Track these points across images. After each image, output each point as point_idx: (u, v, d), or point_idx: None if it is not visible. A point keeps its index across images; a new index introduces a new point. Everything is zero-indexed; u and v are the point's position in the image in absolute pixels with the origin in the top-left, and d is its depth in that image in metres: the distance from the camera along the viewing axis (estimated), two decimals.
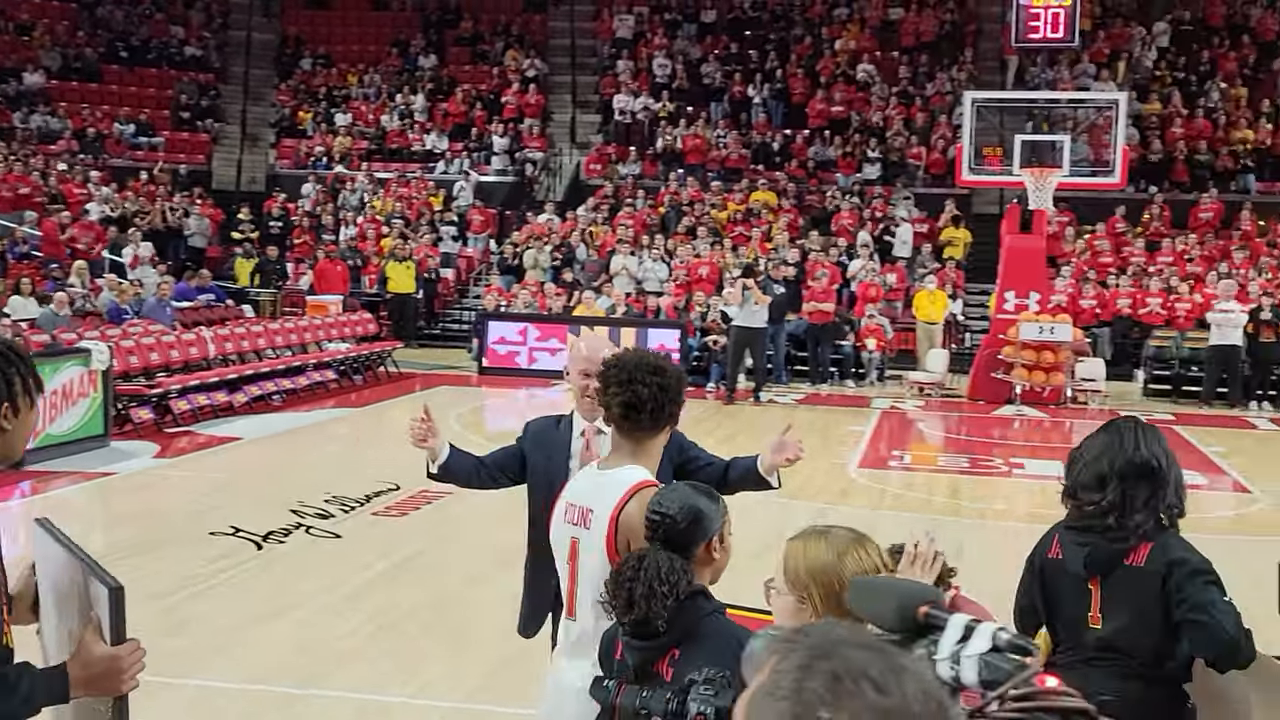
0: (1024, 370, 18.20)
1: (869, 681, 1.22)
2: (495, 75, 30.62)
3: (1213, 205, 24.40)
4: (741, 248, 23.29)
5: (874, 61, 28.78)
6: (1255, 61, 27.47)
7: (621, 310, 20.89)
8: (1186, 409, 18.41)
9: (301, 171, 28.70)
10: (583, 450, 4.40)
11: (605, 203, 26.18)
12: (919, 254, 23.70)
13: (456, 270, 25.58)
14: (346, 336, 18.73)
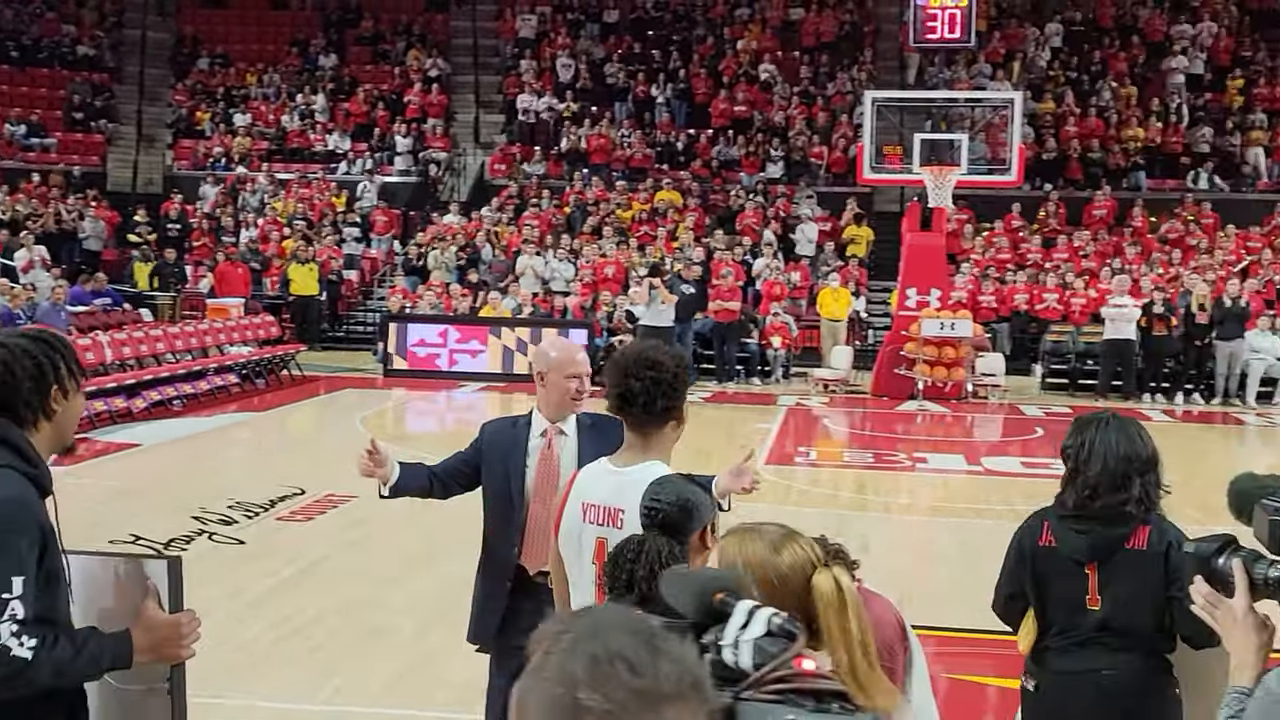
0: (926, 366, 18.49)
1: (624, 663, 1.29)
2: (397, 75, 30.37)
3: (1106, 202, 24.99)
4: (648, 247, 23.36)
5: (775, 61, 29.03)
6: (1144, 61, 28.19)
7: (528, 310, 20.85)
8: (1082, 402, 18.81)
9: (200, 173, 28.21)
10: (543, 449, 4.40)
11: (510, 203, 26.11)
12: (822, 252, 23.97)
13: (360, 272, 25.35)
14: (248, 340, 18.45)
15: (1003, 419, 17.52)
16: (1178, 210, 24.64)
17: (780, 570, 2.40)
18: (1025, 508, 11.68)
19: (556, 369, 4.38)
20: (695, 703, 1.32)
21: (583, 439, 4.38)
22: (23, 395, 2.82)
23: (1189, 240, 23.53)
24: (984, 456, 14.15)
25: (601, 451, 4.03)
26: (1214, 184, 25.64)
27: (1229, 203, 24.90)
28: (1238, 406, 18.64)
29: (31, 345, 2.87)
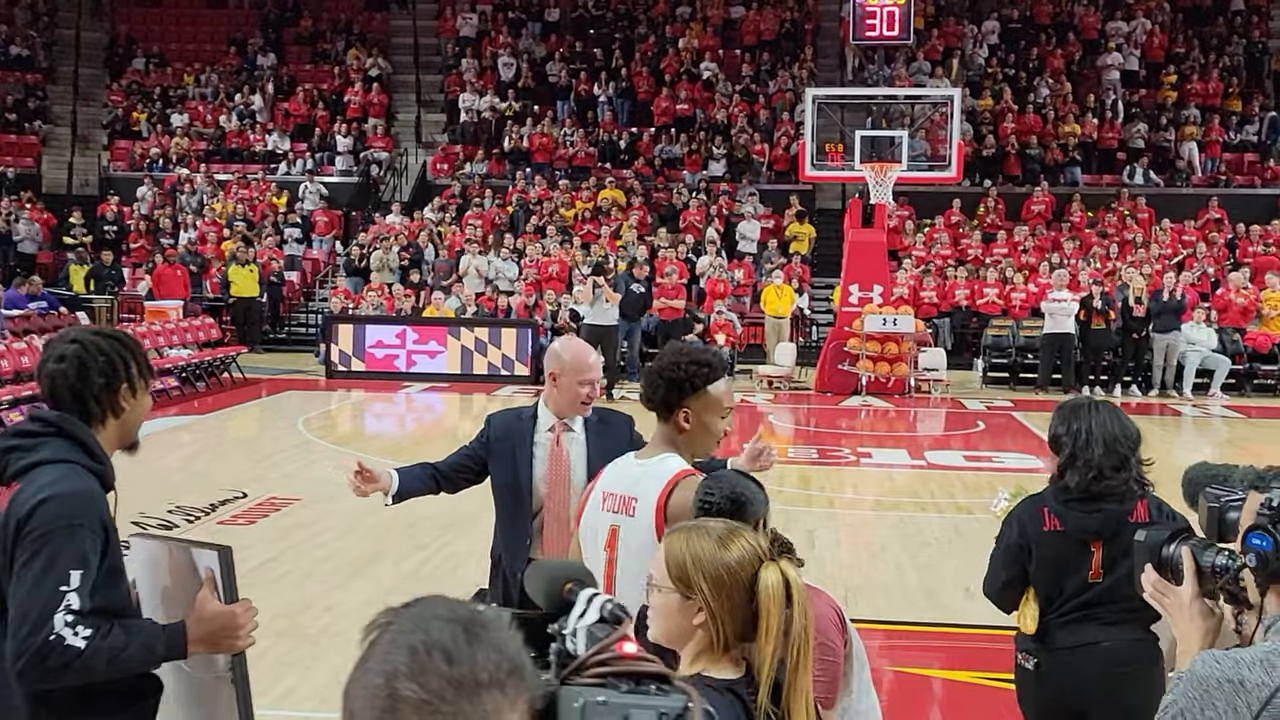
0: (869, 362, 18.62)
1: (441, 652, 1.33)
2: (337, 75, 30.13)
3: (1044, 198, 25.29)
4: (591, 246, 23.34)
5: (717, 60, 29.10)
6: (1080, 58, 28.55)
7: (471, 310, 20.78)
8: (1023, 395, 19.05)
9: (137, 174, 27.84)
10: (551, 444, 4.52)
11: (453, 202, 26.00)
12: (765, 250, 24.07)
13: (302, 273, 25.14)
14: (187, 342, 18.22)
15: (945, 413, 17.69)
16: (1114, 205, 25.00)
17: (729, 565, 2.39)
18: (967, 500, 11.85)
19: (571, 373, 4.48)
20: (514, 690, 1.35)
21: (590, 435, 4.53)
22: (93, 391, 2.90)
23: (1126, 235, 23.86)
24: (927, 450, 14.26)
25: (608, 447, 4.26)
26: (1149, 179, 26.02)
27: (1164, 197, 25.28)
28: (1174, 398, 18.93)
29: (105, 342, 2.96)
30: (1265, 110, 27.18)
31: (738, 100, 28.15)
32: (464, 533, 9.46)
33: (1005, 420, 16.75)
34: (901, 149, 19.32)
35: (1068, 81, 27.80)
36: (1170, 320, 18.85)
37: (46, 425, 2.89)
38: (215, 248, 24.19)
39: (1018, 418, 16.76)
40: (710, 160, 27.10)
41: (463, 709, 1.32)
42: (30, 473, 2.81)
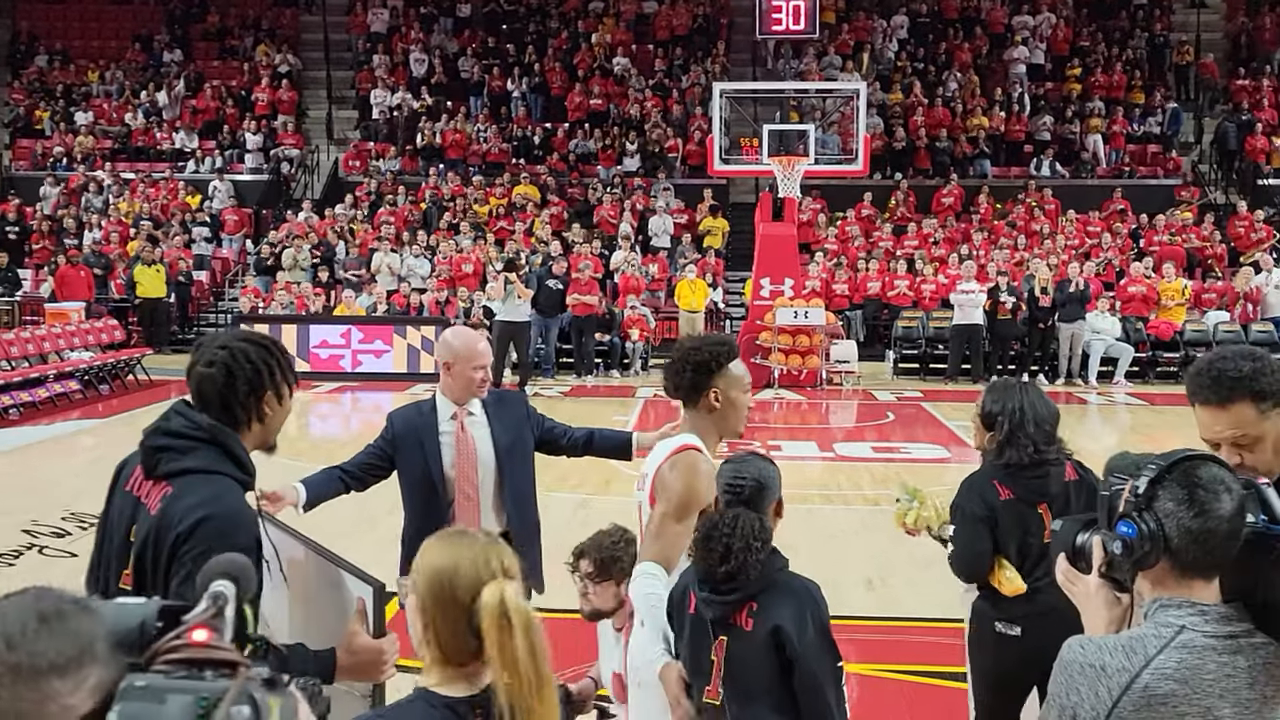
0: (781, 354, 18.72)
1: (3, 639, 1.40)
2: (246, 71, 29.70)
3: (954, 190, 25.58)
4: (505, 242, 23.22)
5: (629, 55, 29.10)
6: (988, 52, 28.93)
7: (383, 308, 20.59)
8: (933, 385, 19.26)
9: (40, 173, 27.24)
10: (456, 430, 4.67)
11: (365, 199, 25.74)
12: (679, 244, 24.10)
13: (211, 272, 24.75)
14: (89, 345, 17.85)
15: (856, 405, 17.82)
16: (1021, 197, 25.35)
17: (451, 579, 2.29)
18: (874, 492, 11.91)
19: (464, 360, 4.65)
20: (79, 674, 1.41)
21: (490, 415, 4.73)
22: (239, 397, 2.94)
23: (1033, 226, 24.21)
24: (836, 443, 14.37)
25: (508, 423, 4.69)
26: (1055, 171, 26.43)
27: (1070, 188, 25.71)
28: (1079, 386, 19.24)
29: (251, 348, 2.99)
30: (1167, 102, 27.72)
31: (651, 95, 28.16)
32: (361, 539, 9.35)
33: (915, 411, 16.91)
34: (809, 143, 19.41)
35: (975, 75, 28.16)
36: (1075, 310, 19.15)
37: (198, 429, 2.91)
38: (121, 248, 23.71)
39: (927, 408, 16.93)
40: (624, 156, 27.09)
41: (19, 693, 1.38)
42: (183, 478, 2.84)
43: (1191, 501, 2.28)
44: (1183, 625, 2.28)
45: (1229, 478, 2.32)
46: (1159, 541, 2.30)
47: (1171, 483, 2.31)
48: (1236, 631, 2.29)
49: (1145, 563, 2.33)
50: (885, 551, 9.27)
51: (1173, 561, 2.31)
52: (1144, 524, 2.31)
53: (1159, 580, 2.35)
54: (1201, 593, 2.32)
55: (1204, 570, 2.32)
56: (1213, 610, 2.30)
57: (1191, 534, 2.28)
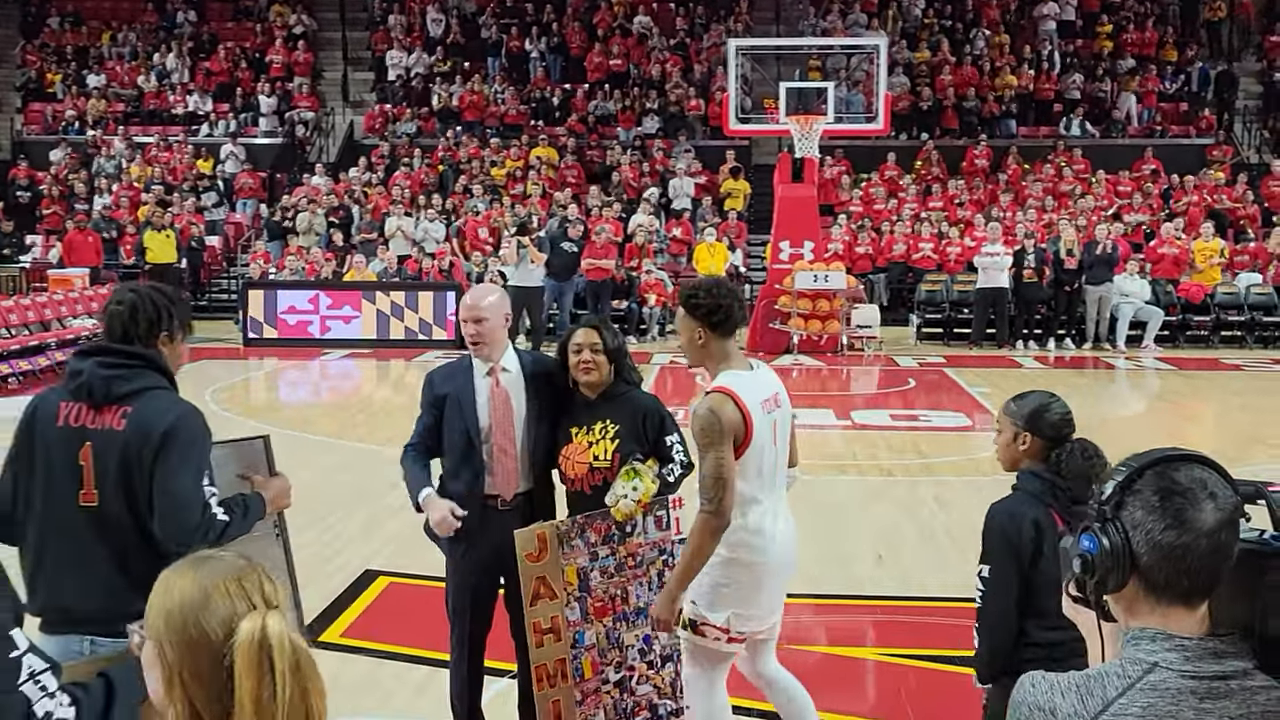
0: (800, 320, 18.26)
1: None
2: (260, 32, 29.28)
3: (984, 151, 24.99)
4: (517, 206, 22.78)
5: (650, 14, 28.53)
6: (1016, 9, 28.22)
7: (394, 273, 20.26)
8: (957, 351, 18.78)
9: (51, 137, 26.95)
10: (492, 387, 4.66)
11: (381, 163, 25.34)
12: (700, 206, 23.63)
13: (224, 237, 24.43)
14: (94, 312, 17.53)
15: (877, 371, 17.37)
16: (1050, 157, 24.73)
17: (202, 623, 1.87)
18: (890, 462, 11.47)
19: (461, 314, 4.74)
20: None
21: (526, 372, 4.72)
22: (139, 332, 3.58)
23: (1061, 187, 23.60)
24: (854, 410, 13.93)
25: (540, 383, 4.68)
26: (1085, 130, 25.77)
27: (1100, 148, 25.06)
28: (1107, 350, 18.73)
29: (154, 294, 3.67)
30: (1199, 60, 26.98)
31: (671, 55, 27.61)
32: (356, 509, 9.03)
33: (937, 377, 16.46)
34: (828, 102, 18.89)
35: (1004, 33, 27.47)
36: (1103, 272, 18.61)
37: (135, 358, 3.56)
38: (131, 213, 23.40)
39: (950, 374, 16.48)
40: (644, 117, 26.57)
41: None
42: (142, 395, 3.50)
43: (1164, 510, 1.85)
44: (1154, 662, 1.84)
45: (1215, 481, 1.87)
46: (1122, 559, 1.86)
47: (1143, 487, 1.88)
48: (1227, 671, 1.84)
49: (1109, 584, 1.89)
50: (896, 525, 8.88)
51: (1144, 583, 1.87)
52: (1106, 537, 1.88)
53: (1130, 606, 1.91)
54: (1181, 622, 1.87)
55: (1184, 594, 1.86)
56: (1195, 644, 1.85)
57: (1163, 550, 1.84)
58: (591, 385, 4.63)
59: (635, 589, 4.57)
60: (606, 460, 4.55)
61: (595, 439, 4.58)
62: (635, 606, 4.55)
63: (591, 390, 4.65)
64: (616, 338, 4.68)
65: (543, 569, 4.45)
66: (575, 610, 4.51)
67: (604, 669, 4.56)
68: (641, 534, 4.54)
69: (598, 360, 4.58)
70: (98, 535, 3.44)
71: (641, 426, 4.60)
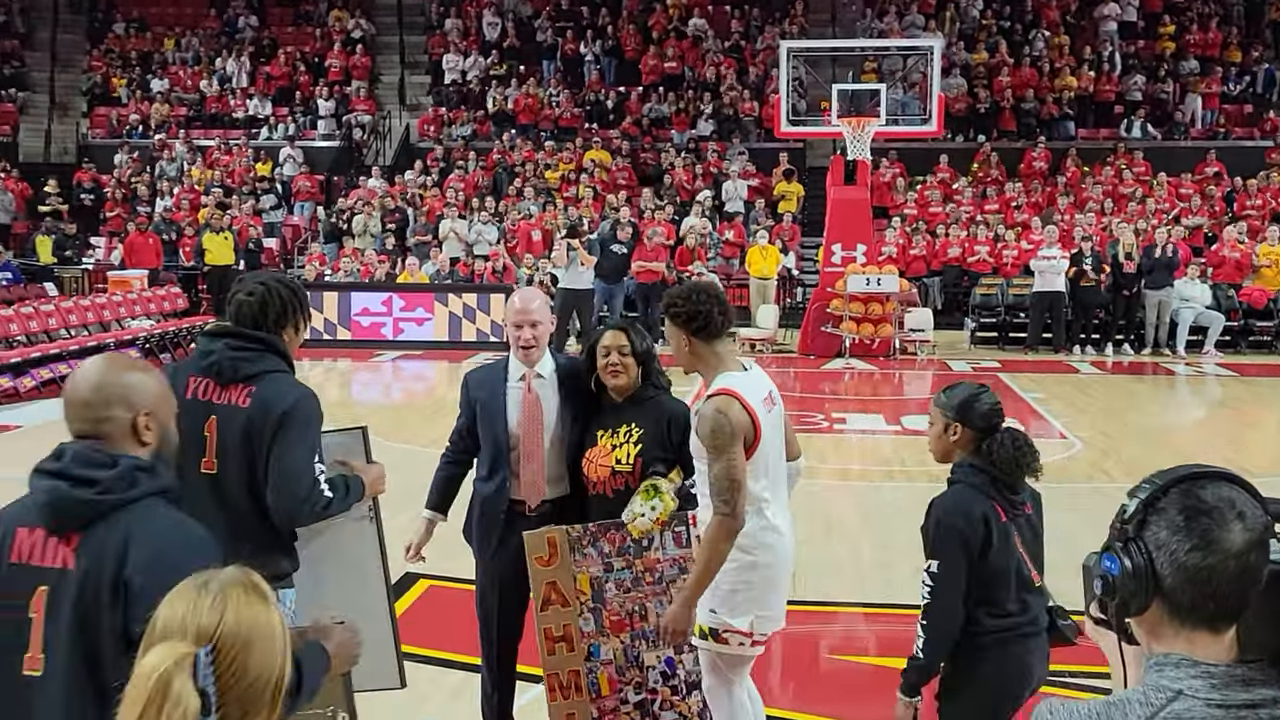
0: (852, 323, 18.15)
1: None
2: (319, 37, 29.57)
3: (1043, 153, 24.72)
4: (571, 208, 22.83)
5: (705, 16, 28.50)
6: (1077, 9, 27.88)
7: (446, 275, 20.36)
8: (1012, 355, 18.58)
9: (115, 141, 27.37)
10: (525, 393, 4.64)
11: (436, 165, 25.50)
12: (753, 209, 23.56)
13: (281, 239, 24.68)
14: (151, 313, 17.78)
15: (930, 375, 17.21)
16: (1110, 160, 24.41)
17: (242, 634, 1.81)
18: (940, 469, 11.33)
19: (510, 318, 4.70)
20: None
21: (561, 379, 4.69)
22: (268, 323, 3.87)
23: (1121, 189, 23.28)
24: (904, 416, 13.81)
25: (573, 390, 4.65)
26: (1146, 132, 25.41)
27: (1161, 151, 24.68)
28: (1167, 356, 18.45)
29: (282, 287, 3.94)
30: (1264, 61, 26.53)
31: (726, 58, 27.55)
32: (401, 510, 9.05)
33: (991, 382, 16.15)
34: (881, 103, 18.76)
35: (1064, 34, 27.15)
36: (1162, 276, 18.34)
37: (258, 342, 3.84)
38: (191, 215, 23.70)
39: (1004, 379, 16.28)
40: (699, 119, 26.55)
41: None
42: (265, 377, 3.77)
43: (1189, 530, 1.78)
44: (1179, 690, 1.77)
45: (1243, 500, 1.80)
46: (1145, 581, 1.80)
47: (1168, 506, 1.81)
48: (1255, 700, 1.76)
49: (1131, 607, 1.83)
50: None
51: (1168, 606, 1.80)
52: (1128, 558, 1.82)
53: (1153, 630, 1.84)
54: (1207, 647, 1.80)
55: (1209, 619, 1.80)
56: (1222, 671, 1.77)
57: (1187, 571, 1.77)
58: (619, 388, 4.61)
59: (655, 606, 4.48)
60: (628, 465, 4.53)
61: (619, 442, 4.55)
62: (655, 626, 4.45)
63: (619, 393, 4.63)
64: (645, 340, 4.65)
65: (553, 574, 4.42)
66: (590, 621, 4.46)
67: (623, 688, 4.49)
68: (660, 550, 4.46)
69: (625, 363, 4.55)
70: (215, 501, 3.73)
71: (666, 432, 4.56)
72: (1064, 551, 8.66)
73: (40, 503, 2.58)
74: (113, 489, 2.56)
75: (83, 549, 2.53)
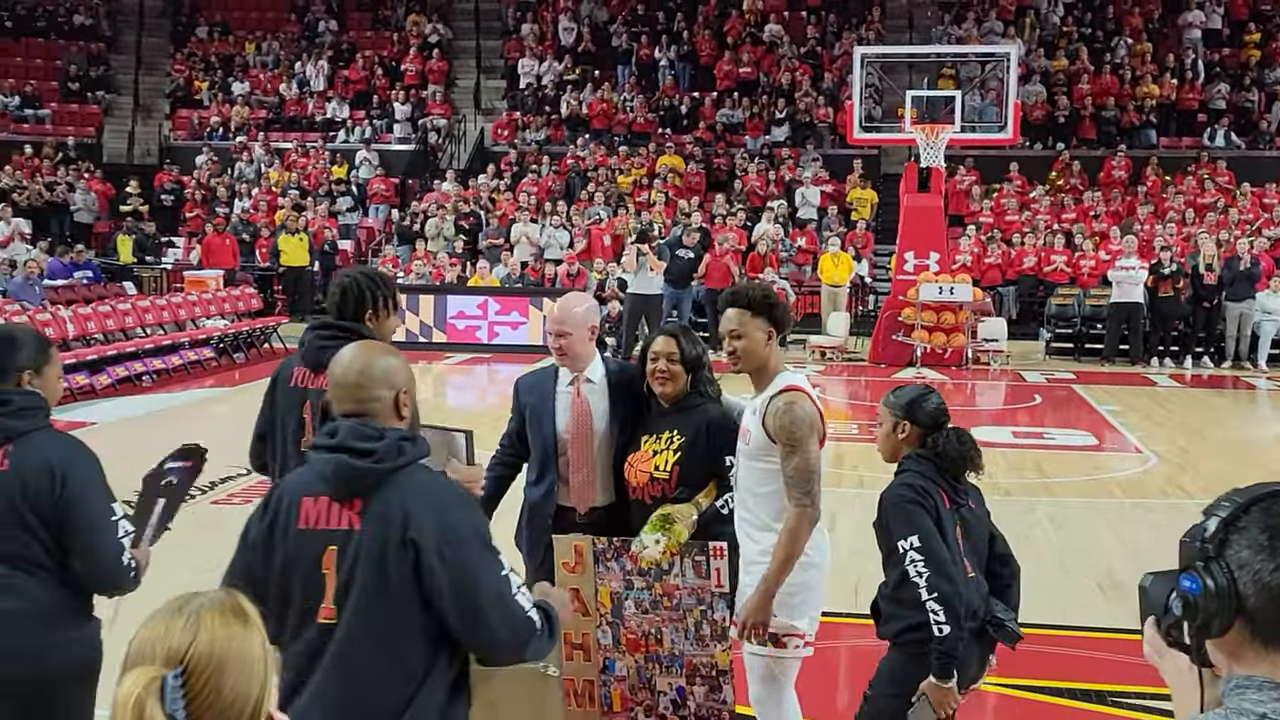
0: (924, 332, 17.95)
1: None
2: (397, 41, 29.85)
3: (1123, 162, 24.32)
4: (644, 213, 22.83)
5: (781, 22, 28.39)
6: (1160, 16, 27.41)
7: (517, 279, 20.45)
8: (1088, 367, 18.27)
9: (196, 143, 27.83)
10: (574, 398, 4.62)
11: (510, 169, 25.62)
12: (825, 216, 23.41)
13: (356, 241, 24.93)
14: (225, 313, 18.02)
15: (1003, 386, 16.97)
16: (1192, 169, 23.95)
17: (223, 659, 1.77)
18: (1008, 481, 11.16)
19: (548, 325, 4.90)
20: None
21: (611, 385, 4.66)
22: (350, 311, 4.22)
23: (1203, 200, 22.83)
24: (976, 426, 13.57)
25: (626, 396, 4.61)
26: (1230, 141, 24.89)
27: (1245, 160, 24.18)
28: (1248, 370, 18.04)
29: (361, 278, 4.30)
30: None
31: (801, 63, 27.41)
32: None
33: (1065, 394, 16.02)
34: (956, 110, 18.55)
35: (1147, 41, 26.69)
36: (1244, 288, 17.94)
37: (345, 330, 4.13)
38: (268, 216, 24.03)
39: (1079, 391, 16.03)
40: (773, 125, 26.43)
41: None
42: None
43: (1273, 550, 1.71)
44: (1263, 714, 1.69)
45: None
46: (1229, 600, 1.73)
47: (1249, 525, 1.74)
48: None
49: (1212, 628, 1.76)
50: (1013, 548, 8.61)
51: (1250, 627, 1.73)
52: (1210, 578, 1.75)
53: (1235, 652, 1.76)
54: None
55: None
56: None
57: (1271, 592, 1.70)
58: (666, 395, 4.57)
59: (670, 633, 4.38)
60: (666, 472, 4.48)
61: (660, 448, 4.51)
62: (670, 652, 4.37)
63: (666, 400, 4.59)
64: (696, 347, 4.62)
65: (576, 581, 4.36)
66: (607, 635, 4.39)
67: (634, 708, 4.42)
68: (679, 576, 4.33)
69: (673, 370, 4.51)
70: None
71: (706, 438, 4.51)
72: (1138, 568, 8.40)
73: (324, 473, 2.93)
74: (385, 458, 2.91)
75: (367, 512, 2.89)
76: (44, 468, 3.39)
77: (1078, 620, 6.99)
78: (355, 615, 2.87)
